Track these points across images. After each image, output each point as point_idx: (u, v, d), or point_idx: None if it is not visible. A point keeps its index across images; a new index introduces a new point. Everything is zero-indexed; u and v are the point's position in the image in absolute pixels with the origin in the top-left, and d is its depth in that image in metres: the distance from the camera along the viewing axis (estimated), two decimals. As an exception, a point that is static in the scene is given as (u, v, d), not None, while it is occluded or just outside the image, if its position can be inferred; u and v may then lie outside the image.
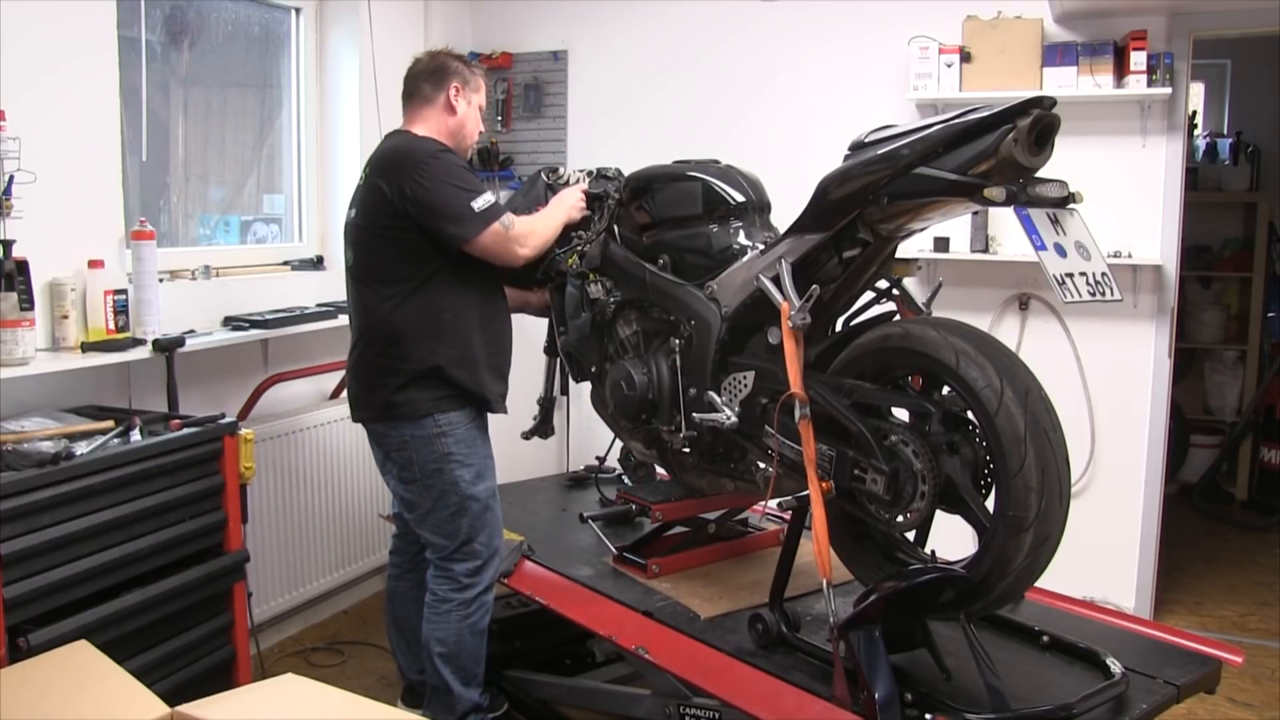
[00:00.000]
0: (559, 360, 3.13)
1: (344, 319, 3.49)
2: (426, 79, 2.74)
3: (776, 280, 2.18)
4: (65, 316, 2.76)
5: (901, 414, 2.13)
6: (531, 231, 2.66)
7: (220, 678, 2.74)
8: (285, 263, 3.80)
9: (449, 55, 2.80)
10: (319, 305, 3.65)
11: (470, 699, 2.71)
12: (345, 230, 2.72)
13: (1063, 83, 3.55)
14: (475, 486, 2.63)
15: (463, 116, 2.75)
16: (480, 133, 2.87)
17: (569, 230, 2.85)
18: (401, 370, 2.57)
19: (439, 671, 2.66)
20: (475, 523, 2.64)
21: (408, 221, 2.53)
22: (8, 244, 2.56)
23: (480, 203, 2.53)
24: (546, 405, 3.25)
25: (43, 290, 2.71)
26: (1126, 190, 3.65)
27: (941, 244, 3.78)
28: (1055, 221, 1.91)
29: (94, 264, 2.82)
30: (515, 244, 2.59)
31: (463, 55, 2.84)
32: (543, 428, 3.25)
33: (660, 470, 3.14)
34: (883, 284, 2.31)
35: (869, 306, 2.33)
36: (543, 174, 3.12)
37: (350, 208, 2.72)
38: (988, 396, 1.88)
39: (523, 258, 2.64)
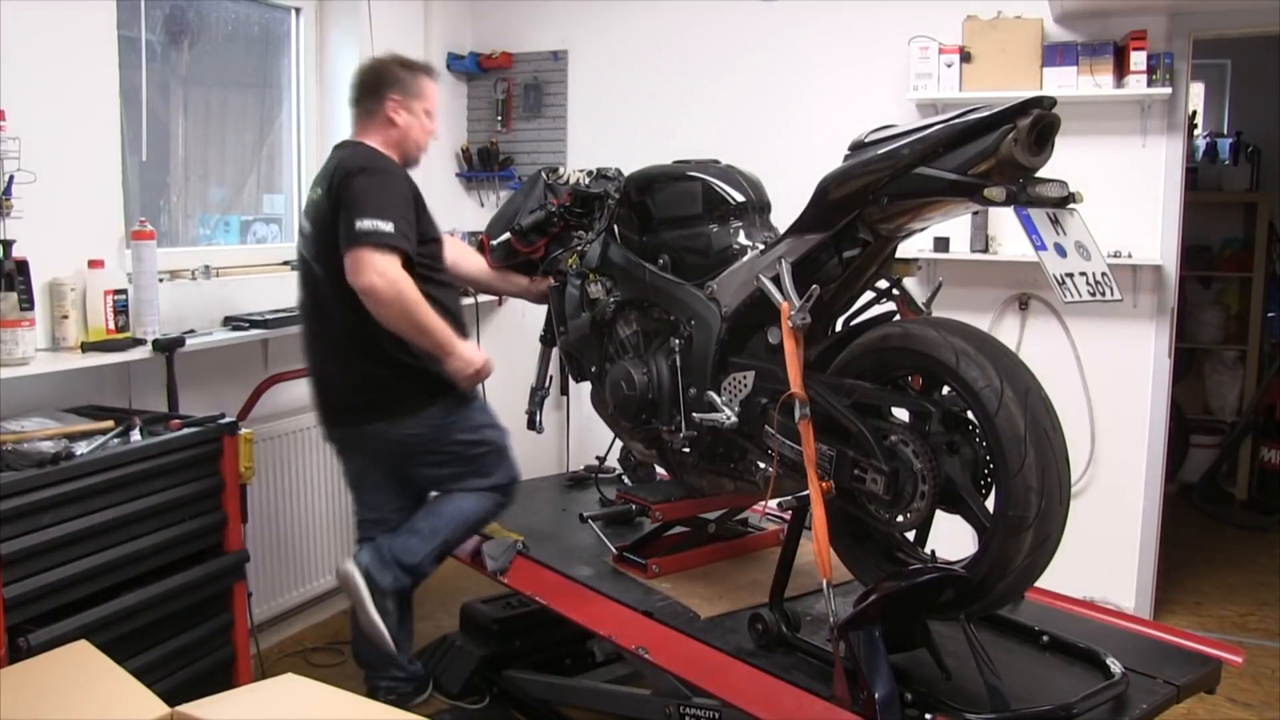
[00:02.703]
0: (553, 350, 3.13)
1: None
2: (365, 93, 2.76)
3: (776, 280, 2.17)
4: (65, 316, 2.75)
5: (901, 414, 2.13)
6: (412, 307, 2.53)
7: (220, 678, 2.74)
8: (285, 263, 3.79)
9: (389, 63, 2.79)
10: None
11: (411, 572, 2.74)
12: (304, 246, 2.74)
13: (1063, 83, 3.55)
14: (501, 433, 2.89)
15: (405, 127, 2.75)
16: (432, 136, 2.85)
17: (570, 231, 2.89)
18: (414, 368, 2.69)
19: (431, 532, 2.76)
20: (505, 452, 2.88)
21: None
22: (8, 244, 2.55)
23: (370, 223, 2.49)
24: (540, 395, 3.25)
25: (43, 290, 2.71)
26: (1126, 190, 3.65)
27: (941, 244, 3.78)
28: (1055, 221, 1.91)
29: (94, 264, 2.81)
30: (387, 285, 2.49)
31: (405, 60, 2.81)
32: (533, 418, 3.23)
33: (660, 470, 3.14)
34: (883, 284, 2.31)
35: (869, 306, 2.33)
36: (543, 174, 3.12)
37: (304, 222, 2.75)
38: (988, 396, 1.87)
39: (372, 296, 2.50)
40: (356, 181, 2.57)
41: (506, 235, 3.02)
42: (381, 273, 2.50)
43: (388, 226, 2.53)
